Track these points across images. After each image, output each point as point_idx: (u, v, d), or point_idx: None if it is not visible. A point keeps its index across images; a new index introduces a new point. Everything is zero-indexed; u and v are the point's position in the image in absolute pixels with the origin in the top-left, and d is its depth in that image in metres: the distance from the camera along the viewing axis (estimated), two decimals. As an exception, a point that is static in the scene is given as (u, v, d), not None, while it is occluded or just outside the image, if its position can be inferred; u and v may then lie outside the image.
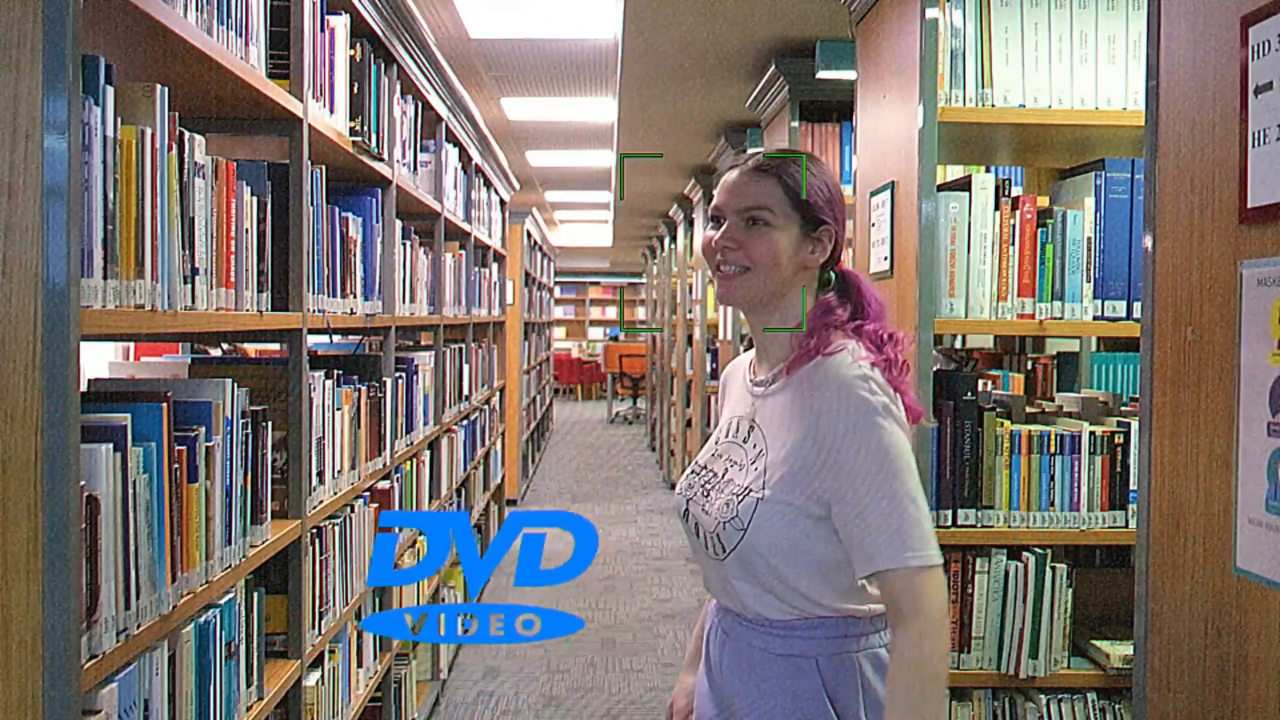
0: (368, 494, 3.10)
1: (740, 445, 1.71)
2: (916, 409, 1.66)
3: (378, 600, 3.32)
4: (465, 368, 5.25)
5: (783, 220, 1.65)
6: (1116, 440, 2.50)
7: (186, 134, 1.71)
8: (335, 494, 2.66)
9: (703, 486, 1.72)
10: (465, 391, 5.26)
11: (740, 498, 1.63)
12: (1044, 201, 2.77)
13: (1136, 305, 2.46)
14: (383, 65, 3.20)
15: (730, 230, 1.66)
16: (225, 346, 3.23)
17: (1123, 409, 2.80)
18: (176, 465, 1.68)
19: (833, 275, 1.72)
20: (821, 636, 1.63)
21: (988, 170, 3.28)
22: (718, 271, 1.69)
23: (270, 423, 2.18)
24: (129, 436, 1.54)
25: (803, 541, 1.60)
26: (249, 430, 2.02)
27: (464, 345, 5.24)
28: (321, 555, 2.54)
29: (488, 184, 6.22)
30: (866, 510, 1.54)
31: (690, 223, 8.63)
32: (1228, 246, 1.39)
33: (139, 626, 1.56)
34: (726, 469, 1.70)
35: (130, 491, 1.53)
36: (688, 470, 1.80)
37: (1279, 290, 1.27)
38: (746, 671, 1.68)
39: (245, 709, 2.05)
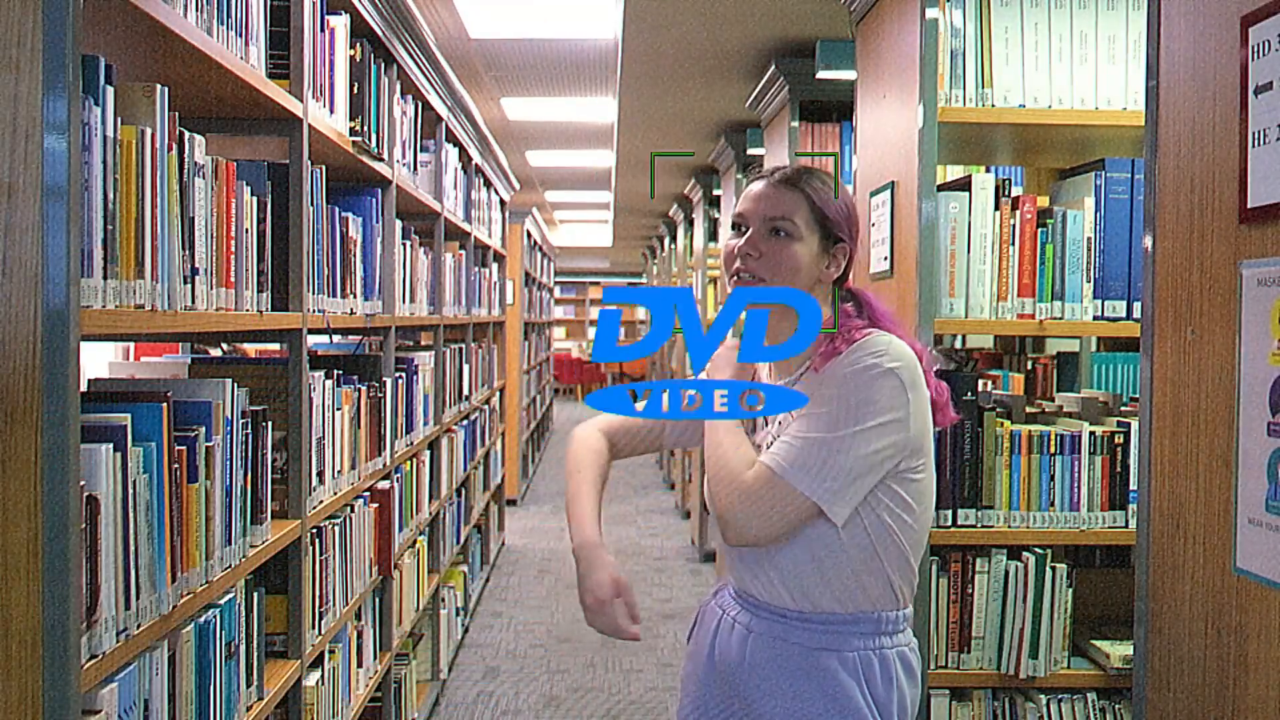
0: (368, 494, 3.10)
1: (757, 430, 1.75)
2: (947, 412, 1.72)
3: (378, 600, 3.32)
4: (465, 368, 5.25)
5: (805, 233, 1.68)
6: (1116, 440, 2.50)
7: (186, 134, 1.71)
8: (335, 494, 2.66)
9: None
10: (465, 391, 5.26)
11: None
12: (1044, 201, 2.77)
13: (1136, 305, 2.46)
14: (383, 65, 3.20)
15: (753, 239, 1.69)
16: (225, 346, 3.23)
17: (1123, 409, 2.80)
18: (176, 465, 1.68)
19: (845, 293, 1.76)
20: (858, 633, 1.66)
21: (988, 170, 3.28)
22: (735, 279, 1.70)
23: (270, 423, 2.18)
24: (129, 436, 1.54)
25: (819, 531, 1.63)
26: (249, 430, 2.02)
27: (464, 345, 5.24)
28: (321, 555, 2.54)
29: (488, 184, 6.22)
30: (807, 424, 1.59)
31: (690, 223, 8.62)
32: (1228, 246, 1.39)
33: (139, 626, 1.56)
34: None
35: (130, 491, 1.53)
36: None
37: (1279, 290, 1.27)
38: (773, 664, 1.68)
39: (245, 709, 2.05)
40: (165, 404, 1.63)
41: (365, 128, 2.92)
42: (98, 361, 2.52)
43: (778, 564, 1.68)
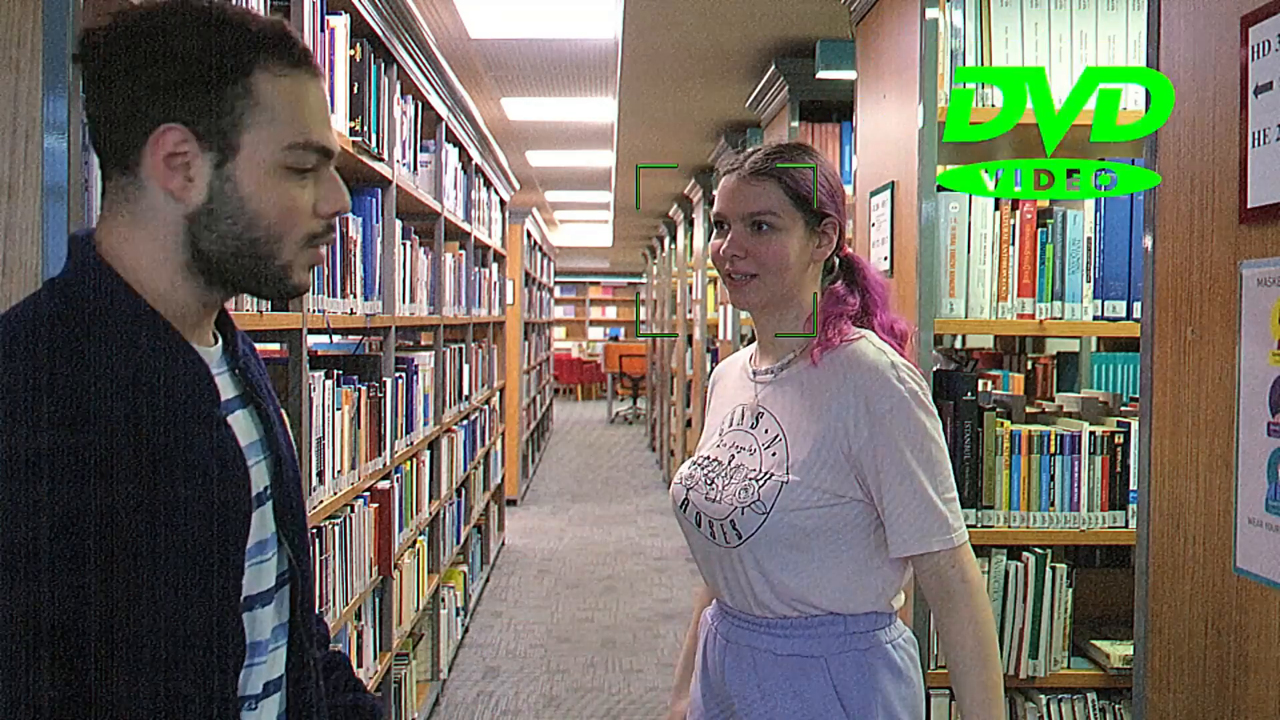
0: (368, 494, 3.10)
1: (748, 432, 1.69)
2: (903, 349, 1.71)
3: (378, 600, 3.32)
4: (465, 368, 5.25)
5: (788, 222, 1.64)
6: (1116, 440, 2.50)
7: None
8: (335, 494, 2.66)
9: (706, 476, 1.70)
10: (465, 391, 5.26)
11: (760, 482, 1.61)
12: (1044, 201, 2.77)
13: (1136, 305, 2.46)
14: (383, 65, 3.20)
15: (736, 238, 1.65)
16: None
17: (1123, 409, 2.80)
18: (176, 465, 1.67)
19: (837, 260, 1.73)
20: (830, 634, 1.62)
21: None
22: (729, 279, 1.68)
23: (270, 423, 2.17)
24: (129, 436, 1.53)
25: (823, 529, 1.60)
26: (249, 430, 2.01)
27: (464, 345, 5.24)
28: (321, 555, 2.54)
29: (488, 184, 6.22)
30: (909, 491, 1.56)
31: (690, 223, 8.63)
32: (1228, 246, 1.39)
33: (139, 626, 1.55)
34: (733, 455, 1.68)
35: (130, 491, 1.52)
36: (687, 462, 1.78)
37: (1279, 290, 1.27)
38: (748, 672, 1.66)
39: (245, 709, 2.04)
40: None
41: (365, 128, 2.92)
42: (98, 361, 2.52)
43: (747, 566, 1.64)
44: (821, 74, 4.01)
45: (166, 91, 1.04)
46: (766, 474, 1.62)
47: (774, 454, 1.63)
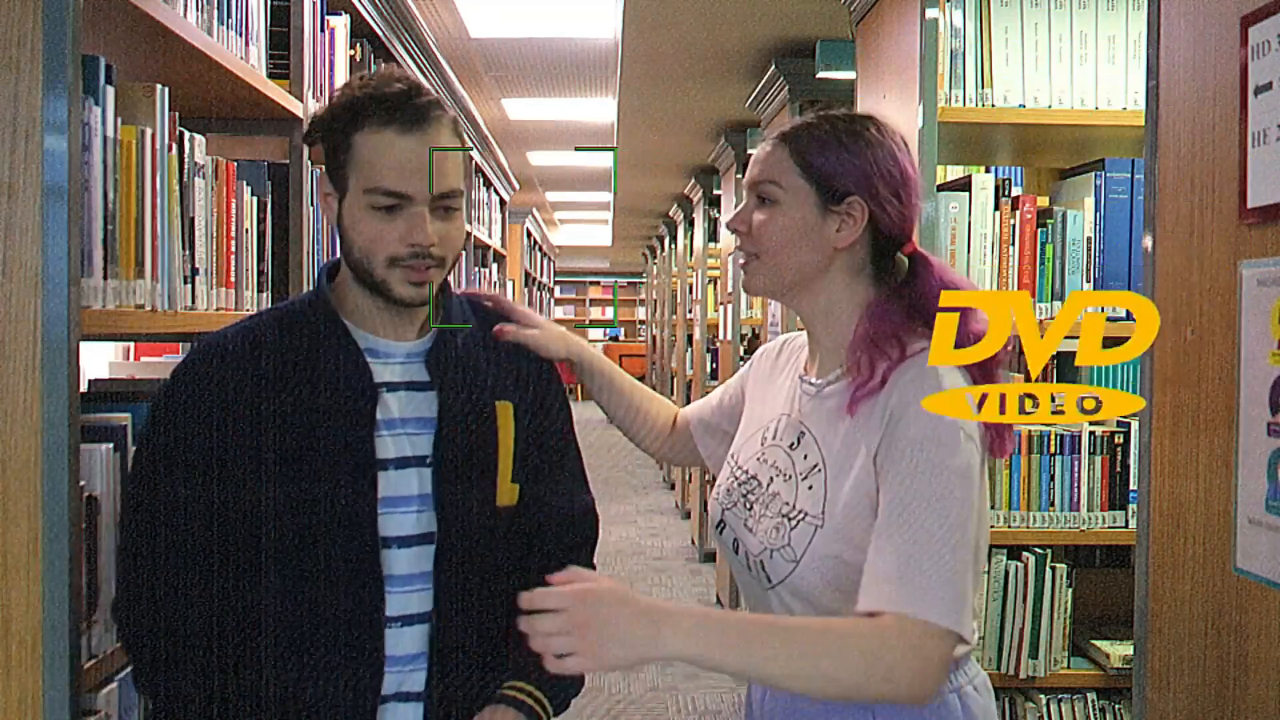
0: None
1: (788, 452, 1.45)
2: (1004, 442, 1.41)
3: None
4: (465, 368, 5.24)
5: (792, 195, 1.40)
6: (1116, 440, 2.50)
7: (186, 134, 1.71)
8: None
9: (744, 497, 1.47)
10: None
11: (793, 523, 1.38)
12: (1044, 201, 2.77)
13: (1136, 305, 2.46)
14: (382, 65, 3.20)
15: (741, 210, 1.45)
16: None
17: (1123, 409, 2.80)
18: (176, 465, 1.68)
19: (905, 260, 1.45)
20: None
21: (988, 170, 3.28)
22: (740, 260, 1.49)
23: (270, 423, 2.19)
24: (129, 436, 1.54)
25: (854, 589, 1.30)
26: (249, 430, 2.02)
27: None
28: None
29: (487, 184, 6.22)
30: (899, 533, 1.26)
31: (690, 223, 8.62)
32: (1228, 246, 1.39)
33: (139, 626, 1.56)
34: (772, 479, 1.45)
35: (130, 491, 1.53)
36: (726, 470, 1.56)
37: (1279, 290, 1.27)
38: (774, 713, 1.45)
39: (245, 709, 2.04)
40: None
41: (365, 128, 2.92)
42: (98, 361, 2.52)
43: (787, 606, 1.40)
44: (821, 74, 4.01)
45: (319, 147, 1.44)
46: (801, 513, 1.38)
47: (811, 487, 1.39)
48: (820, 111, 1.46)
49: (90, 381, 1.87)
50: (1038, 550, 2.50)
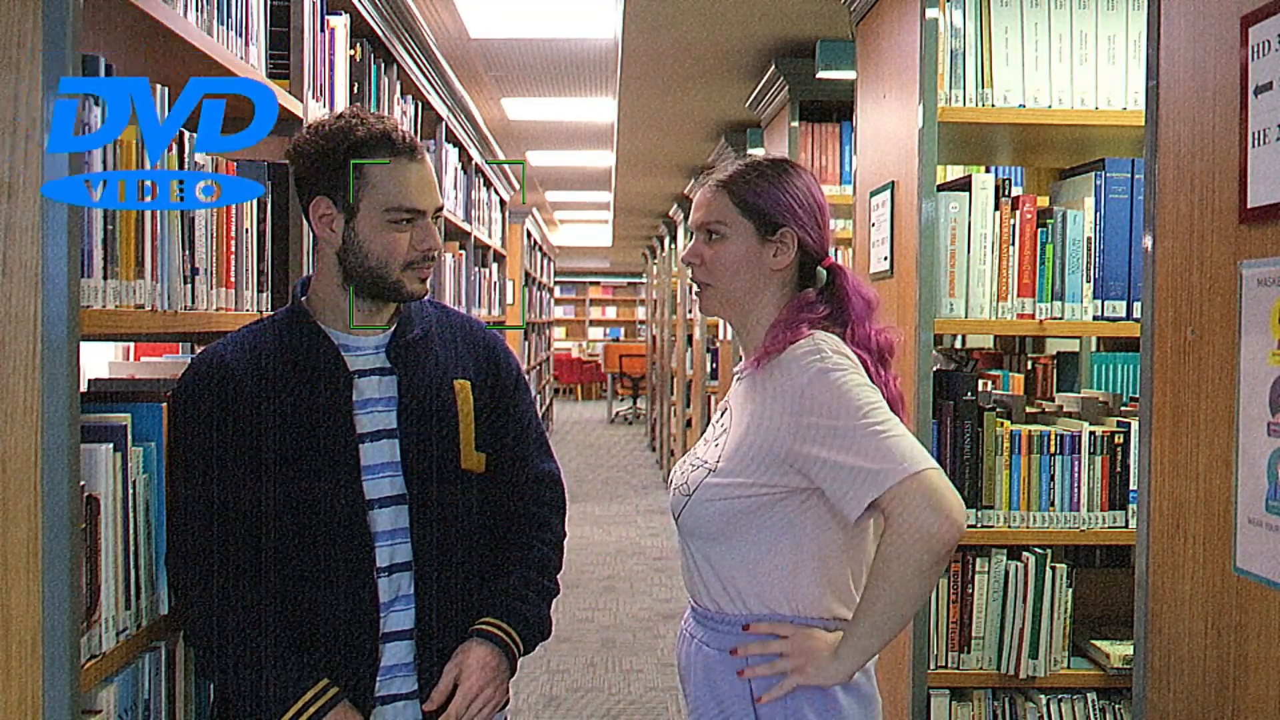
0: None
1: (714, 425, 1.75)
2: (895, 392, 1.66)
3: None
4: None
5: (736, 230, 1.67)
6: (1116, 440, 2.50)
7: (186, 134, 1.71)
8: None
9: (682, 464, 1.75)
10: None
11: (695, 468, 1.68)
12: (1044, 201, 2.77)
13: (1136, 305, 2.46)
14: (383, 65, 3.20)
15: (694, 246, 1.72)
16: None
17: (1123, 409, 2.80)
18: (177, 465, 1.69)
19: (823, 272, 1.72)
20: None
21: (988, 170, 3.28)
22: (695, 287, 1.77)
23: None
24: (129, 436, 1.54)
25: (740, 522, 1.60)
26: (249, 430, 2.03)
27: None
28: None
29: (488, 184, 6.22)
30: (841, 457, 1.51)
31: (690, 223, 8.62)
32: (1228, 246, 1.39)
33: (139, 626, 1.56)
34: (701, 446, 1.74)
35: (130, 491, 1.53)
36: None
37: (1279, 290, 1.27)
38: (686, 663, 1.72)
39: (245, 709, 2.04)
40: (165, 404, 1.63)
41: (365, 128, 2.92)
42: (98, 361, 2.52)
43: (692, 560, 1.69)
44: (821, 74, 4.01)
45: (316, 176, 1.70)
46: (703, 462, 1.68)
47: (718, 445, 1.67)
48: (746, 158, 1.76)
49: (90, 381, 1.87)
50: (1038, 550, 2.50)
